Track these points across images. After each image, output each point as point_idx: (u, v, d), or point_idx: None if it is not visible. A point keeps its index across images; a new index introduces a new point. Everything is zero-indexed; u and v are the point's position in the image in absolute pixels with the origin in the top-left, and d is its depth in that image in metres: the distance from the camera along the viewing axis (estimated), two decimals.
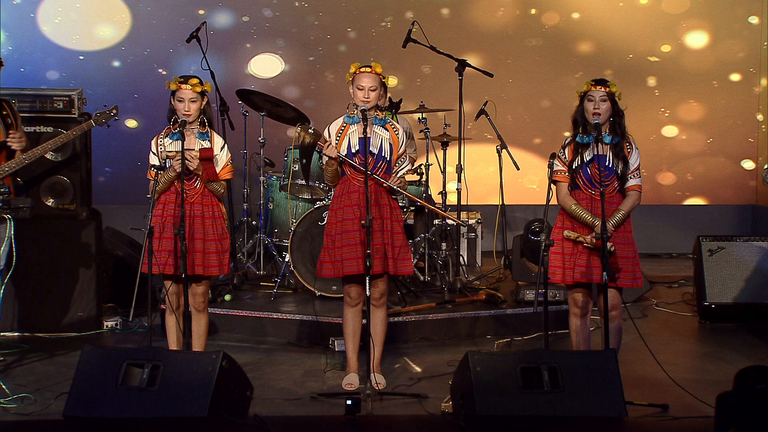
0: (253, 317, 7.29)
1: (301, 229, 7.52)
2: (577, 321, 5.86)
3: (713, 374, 6.34)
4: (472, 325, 7.34)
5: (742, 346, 7.07)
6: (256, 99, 8.37)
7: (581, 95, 5.78)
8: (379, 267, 5.85)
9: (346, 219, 5.90)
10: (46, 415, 5.48)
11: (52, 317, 7.22)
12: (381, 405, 5.67)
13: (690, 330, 7.65)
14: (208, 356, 5.25)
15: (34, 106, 7.12)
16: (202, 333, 5.99)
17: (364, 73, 5.89)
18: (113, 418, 5.10)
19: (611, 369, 5.22)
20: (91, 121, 6.58)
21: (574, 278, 5.75)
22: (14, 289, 6.93)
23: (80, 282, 7.25)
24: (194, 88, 5.82)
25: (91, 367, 5.26)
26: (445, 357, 6.58)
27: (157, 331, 6.77)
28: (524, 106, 10.58)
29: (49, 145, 6.50)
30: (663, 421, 5.47)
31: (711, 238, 7.79)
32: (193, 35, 7.94)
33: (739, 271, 7.70)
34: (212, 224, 5.91)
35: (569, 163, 5.77)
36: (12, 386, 5.85)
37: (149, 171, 5.90)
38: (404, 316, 7.19)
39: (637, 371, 6.25)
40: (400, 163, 6.01)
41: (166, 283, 5.88)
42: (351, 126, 5.96)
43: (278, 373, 6.41)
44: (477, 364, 5.18)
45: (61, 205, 7.17)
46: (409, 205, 7.90)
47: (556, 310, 7.12)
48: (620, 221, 5.72)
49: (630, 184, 5.76)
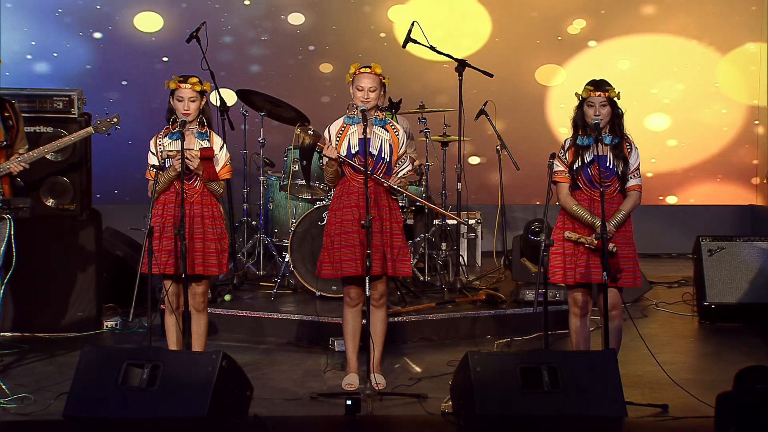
0: (252, 317, 7.29)
1: (301, 230, 7.51)
2: (577, 321, 5.86)
3: (713, 374, 6.34)
4: (472, 325, 7.34)
5: (742, 346, 7.07)
6: (256, 99, 8.37)
7: (580, 100, 5.78)
8: (378, 268, 5.85)
9: (346, 220, 5.90)
10: (46, 415, 5.48)
11: (51, 317, 7.22)
12: (381, 405, 5.67)
13: (690, 330, 7.64)
14: (208, 356, 5.25)
15: (33, 106, 7.11)
16: (201, 333, 5.99)
17: (364, 74, 5.89)
18: (113, 418, 5.10)
19: (611, 369, 5.22)
20: (91, 129, 6.55)
21: (575, 279, 5.75)
22: (14, 289, 6.92)
23: (80, 282, 7.25)
24: (194, 87, 5.81)
25: (91, 367, 5.26)
26: (445, 357, 6.58)
27: (156, 331, 6.76)
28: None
29: (47, 149, 6.49)
30: (663, 421, 5.48)
31: (711, 238, 7.79)
32: (192, 35, 7.93)
33: (739, 271, 7.70)
34: (212, 224, 5.91)
35: (570, 165, 5.77)
36: (12, 386, 5.85)
37: (148, 171, 5.89)
38: (404, 316, 7.19)
39: (637, 371, 6.25)
40: (401, 163, 6.01)
41: (166, 283, 5.88)
42: (351, 126, 5.96)
43: (278, 373, 6.41)
44: (477, 364, 5.19)
45: (61, 205, 7.17)
46: (409, 206, 7.90)
47: (556, 310, 7.11)
48: (621, 221, 5.72)
49: (630, 184, 5.77)
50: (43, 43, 10.15)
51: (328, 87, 10.29)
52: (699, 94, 10.56)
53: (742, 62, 10.53)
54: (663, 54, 10.49)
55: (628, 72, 10.43)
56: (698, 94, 10.56)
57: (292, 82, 10.24)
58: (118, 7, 10.21)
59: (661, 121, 10.56)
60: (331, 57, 10.36)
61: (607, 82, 5.78)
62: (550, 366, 5.19)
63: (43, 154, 6.48)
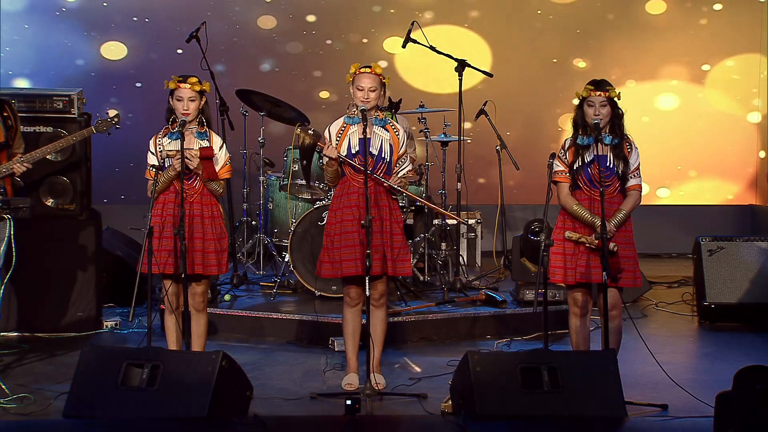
0: (252, 317, 7.29)
1: (300, 229, 7.51)
2: (577, 321, 5.86)
3: (713, 374, 6.34)
4: (472, 325, 7.33)
5: (742, 346, 7.07)
6: (255, 99, 8.37)
7: (581, 100, 5.79)
8: (378, 268, 5.85)
9: (346, 219, 5.90)
10: (46, 415, 5.48)
11: (51, 317, 7.21)
12: (381, 405, 5.67)
13: (690, 330, 7.64)
14: (207, 356, 5.25)
15: (33, 106, 7.11)
16: (201, 333, 5.98)
17: (364, 74, 5.89)
18: (113, 418, 5.11)
19: (611, 369, 5.23)
20: (92, 128, 6.54)
21: (576, 279, 5.76)
22: (14, 289, 6.91)
23: (80, 282, 7.25)
24: (193, 87, 5.81)
25: (91, 367, 5.27)
26: (445, 357, 6.57)
27: (156, 331, 6.76)
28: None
29: (49, 149, 6.48)
30: (662, 421, 5.48)
31: (711, 238, 7.79)
32: (192, 35, 7.94)
33: (738, 271, 7.70)
34: (211, 224, 5.91)
35: (570, 165, 5.78)
36: (12, 386, 5.84)
37: (148, 171, 5.89)
38: (404, 316, 7.19)
39: (637, 371, 6.24)
40: (401, 163, 6.01)
41: (165, 282, 5.88)
42: (351, 126, 5.96)
43: (278, 373, 6.41)
44: (477, 364, 5.19)
45: (61, 205, 7.17)
46: (409, 205, 7.90)
47: (556, 310, 7.11)
48: (622, 221, 5.73)
49: (630, 183, 5.77)
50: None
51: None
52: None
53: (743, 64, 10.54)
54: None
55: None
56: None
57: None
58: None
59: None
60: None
61: (607, 81, 5.79)
62: (550, 366, 5.20)
63: (46, 154, 6.47)
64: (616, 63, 10.24)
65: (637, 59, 10.28)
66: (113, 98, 9.88)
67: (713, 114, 10.46)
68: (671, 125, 10.41)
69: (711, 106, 10.44)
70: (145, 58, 9.92)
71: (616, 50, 10.27)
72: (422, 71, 9.95)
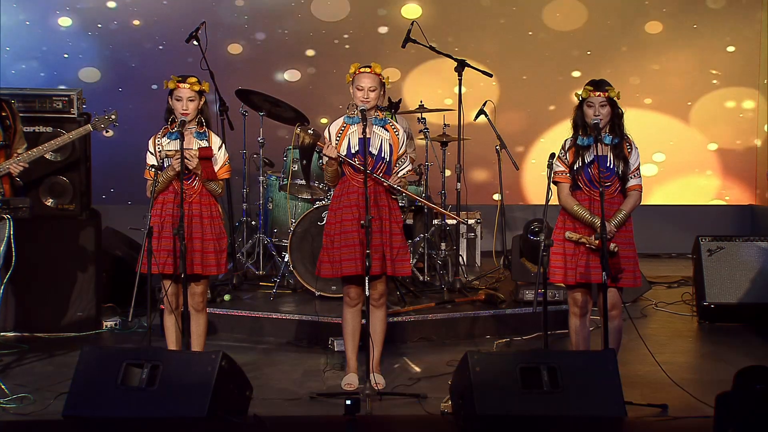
0: (252, 317, 7.29)
1: (300, 229, 7.51)
2: (576, 321, 5.86)
3: (713, 374, 6.34)
4: (472, 325, 7.34)
5: (742, 346, 7.07)
6: (255, 99, 8.37)
7: (580, 100, 5.78)
8: (377, 268, 5.85)
9: (345, 219, 5.90)
10: (46, 415, 5.48)
11: (51, 317, 7.21)
12: (380, 405, 5.67)
13: (689, 330, 7.65)
14: (207, 356, 5.24)
15: (33, 106, 7.11)
16: (201, 333, 5.99)
17: (364, 74, 5.89)
18: (113, 418, 5.10)
19: (611, 369, 5.22)
20: (89, 126, 6.54)
21: (576, 279, 5.75)
22: (14, 289, 6.92)
23: (79, 282, 7.25)
24: (192, 87, 5.81)
25: (91, 367, 5.26)
26: (445, 357, 6.58)
27: (156, 331, 6.76)
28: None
29: (46, 147, 6.48)
30: (662, 421, 5.48)
31: (710, 238, 7.79)
32: (192, 35, 7.93)
33: (738, 271, 7.70)
34: (210, 224, 5.91)
35: (570, 165, 5.77)
36: (11, 386, 5.85)
37: (147, 171, 5.89)
38: (404, 316, 7.19)
39: (637, 371, 6.25)
40: (401, 163, 6.01)
41: (165, 282, 5.88)
42: (351, 126, 5.96)
43: (277, 373, 6.41)
44: (476, 364, 5.18)
45: (61, 205, 7.17)
46: (408, 205, 7.90)
47: (556, 310, 7.11)
48: (622, 221, 5.73)
49: (631, 184, 5.77)
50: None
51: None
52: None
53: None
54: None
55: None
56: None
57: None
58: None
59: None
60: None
61: (606, 82, 5.78)
62: (549, 366, 5.19)
63: (42, 153, 6.47)
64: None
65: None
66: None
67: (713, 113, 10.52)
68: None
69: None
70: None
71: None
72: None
